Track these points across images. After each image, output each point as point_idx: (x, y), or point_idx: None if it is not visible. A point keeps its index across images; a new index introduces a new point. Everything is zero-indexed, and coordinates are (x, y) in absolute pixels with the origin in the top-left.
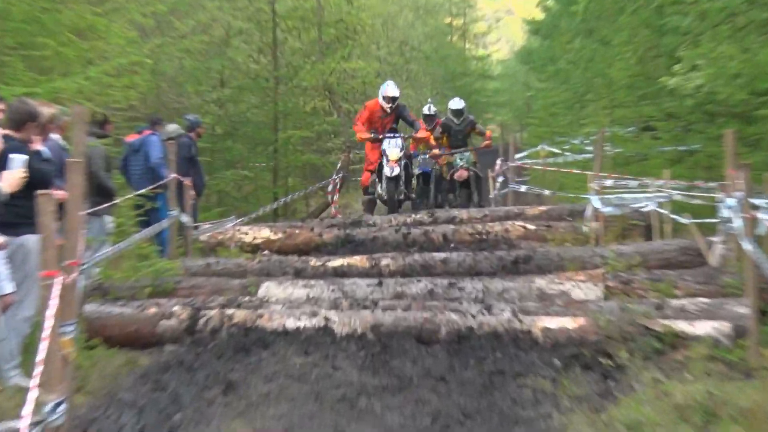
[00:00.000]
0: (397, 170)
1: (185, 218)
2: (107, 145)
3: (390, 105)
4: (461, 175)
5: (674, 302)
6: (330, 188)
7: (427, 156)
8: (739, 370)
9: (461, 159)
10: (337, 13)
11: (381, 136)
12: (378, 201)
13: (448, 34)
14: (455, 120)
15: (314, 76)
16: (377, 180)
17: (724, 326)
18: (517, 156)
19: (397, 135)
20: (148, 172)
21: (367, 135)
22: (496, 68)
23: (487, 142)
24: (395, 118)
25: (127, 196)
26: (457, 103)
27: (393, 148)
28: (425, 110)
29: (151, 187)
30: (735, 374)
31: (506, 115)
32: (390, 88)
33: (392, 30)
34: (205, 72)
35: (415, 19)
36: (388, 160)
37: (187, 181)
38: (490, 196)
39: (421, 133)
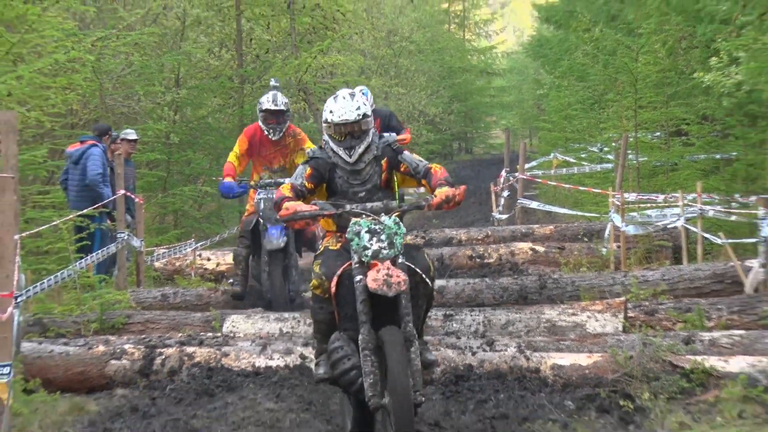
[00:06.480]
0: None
1: (136, 242)
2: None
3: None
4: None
5: (705, 335)
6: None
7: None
8: None
9: (380, 236)
10: None
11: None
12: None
13: (445, 22)
14: (335, 147)
15: (286, 74)
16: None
17: (762, 362)
18: (527, 166)
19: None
20: (86, 189)
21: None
22: (501, 62)
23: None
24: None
25: (67, 217)
26: (345, 108)
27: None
28: None
29: (93, 207)
30: None
31: (512, 118)
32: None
33: (378, 18)
34: (158, 70)
35: (405, 4)
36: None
37: (140, 198)
38: (493, 214)
39: None
